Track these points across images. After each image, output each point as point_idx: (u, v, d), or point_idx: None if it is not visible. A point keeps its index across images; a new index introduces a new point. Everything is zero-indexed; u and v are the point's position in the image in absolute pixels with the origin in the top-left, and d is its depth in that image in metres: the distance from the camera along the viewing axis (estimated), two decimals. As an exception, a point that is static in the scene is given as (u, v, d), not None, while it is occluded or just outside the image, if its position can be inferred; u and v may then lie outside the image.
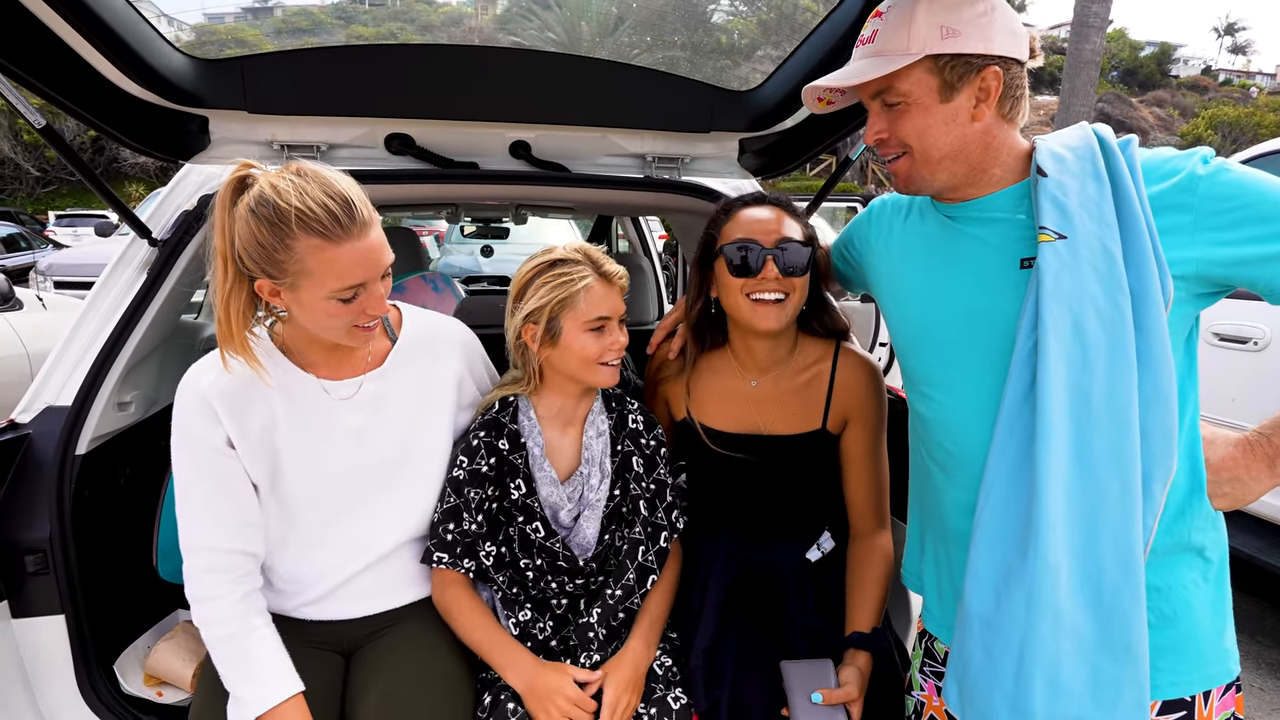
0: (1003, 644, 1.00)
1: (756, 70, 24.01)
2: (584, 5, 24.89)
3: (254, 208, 1.15)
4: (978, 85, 1.05)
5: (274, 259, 1.15)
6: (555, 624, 1.43)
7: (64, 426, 1.42)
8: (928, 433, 1.21)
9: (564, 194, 2.00)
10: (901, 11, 1.06)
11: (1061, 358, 0.97)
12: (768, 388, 1.52)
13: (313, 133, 1.74)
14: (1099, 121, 1.13)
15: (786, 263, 1.39)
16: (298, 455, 1.32)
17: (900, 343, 1.26)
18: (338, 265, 1.16)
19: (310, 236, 1.13)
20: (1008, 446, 1.02)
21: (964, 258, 1.13)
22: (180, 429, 1.28)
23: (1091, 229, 0.99)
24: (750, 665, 1.43)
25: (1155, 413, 0.95)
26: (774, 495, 1.55)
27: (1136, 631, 0.95)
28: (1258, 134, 21.59)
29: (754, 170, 2.05)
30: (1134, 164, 1.02)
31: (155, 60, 1.47)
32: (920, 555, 1.30)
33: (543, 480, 1.42)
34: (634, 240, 4.45)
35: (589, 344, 1.38)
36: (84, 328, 1.57)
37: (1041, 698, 0.97)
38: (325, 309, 1.20)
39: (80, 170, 1.44)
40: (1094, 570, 0.96)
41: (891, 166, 1.13)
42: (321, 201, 1.14)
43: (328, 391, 1.34)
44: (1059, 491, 0.96)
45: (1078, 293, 0.98)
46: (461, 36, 34.82)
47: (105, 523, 1.52)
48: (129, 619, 1.59)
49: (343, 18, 44.95)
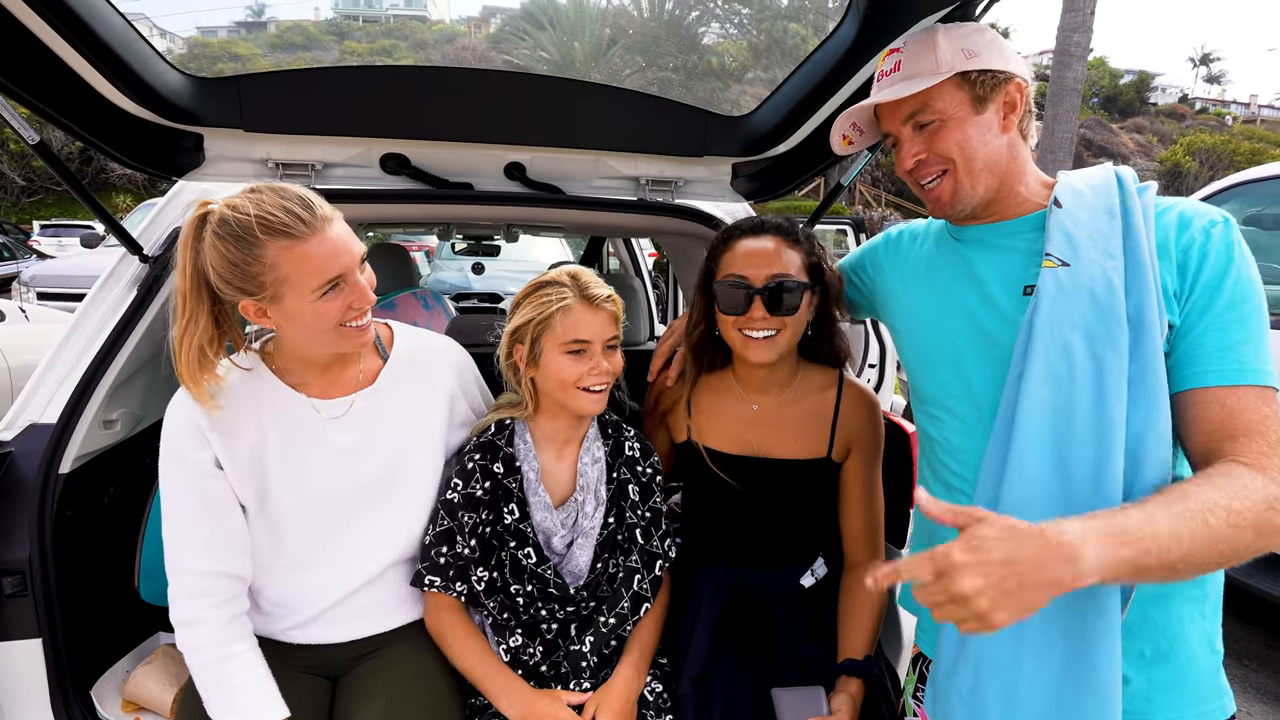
0: (965, 655, 1.02)
1: (747, 93, 24.31)
2: (578, 26, 25.17)
3: (218, 231, 1.16)
4: (1004, 98, 1.11)
5: (249, 273, 1.16)
6: (545, 649, 1.42)
7: (48, 444, 1.40)
8: (934, 452, 1.23)
9: (558, 215, 2.01)
10: (923, 41, 1.13)
11: (1047, 380, 0.99)
12: (770, 411, 1.53)
13: (308, 152, 1.74)
14: (1081, 146, 1.16)
15: (775, 302, 1.39)
16: (287, 475, 1.31)
17: (910, 364, 1.28)
18: (311, 261, 1.17)
19: (276, 239, 1.15)
20: (993, 466, 1.04)
21: (974, 283, 1.16)
22: (168, 449, 1.27)
23: (1096, 259, 1.01)
24: (741, 692, 1.42)
25: (1150, 442, 0.96)
26: (771, 519, 1.54)
27: (1107, 668, 0.93)
28: (1233, 161, 22.11)
29: (746, 194, 2.07)
30: (1148, 208, 1.05)
31: (152, 78, 1.47)
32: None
33: (537, 505, 1.41)
34: (625, 260, 4.47)
35: (565, 366, 1.37)
36: (71, 343, 1.55)
37: (997, 711, 0.98)
38: (312, 311, 1.20)
39: (73, 186, 1.43)
40: (1064, 596, 0.93)
41: (933, 191, 1.15)
42: (279, 205, 1.17)
43: (318, 410, 1.33)
44: (1033, 509, 0.96)
45: (1072, 317, 0.99)
46: (455, 54, 35.05)
47: (87, 543, 1.49)
48: (108, 642, 1.56)
49: (336, 34, 45.17)
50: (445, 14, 55.41)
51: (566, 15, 25.67)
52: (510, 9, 34.57)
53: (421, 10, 54.94)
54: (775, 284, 1.38)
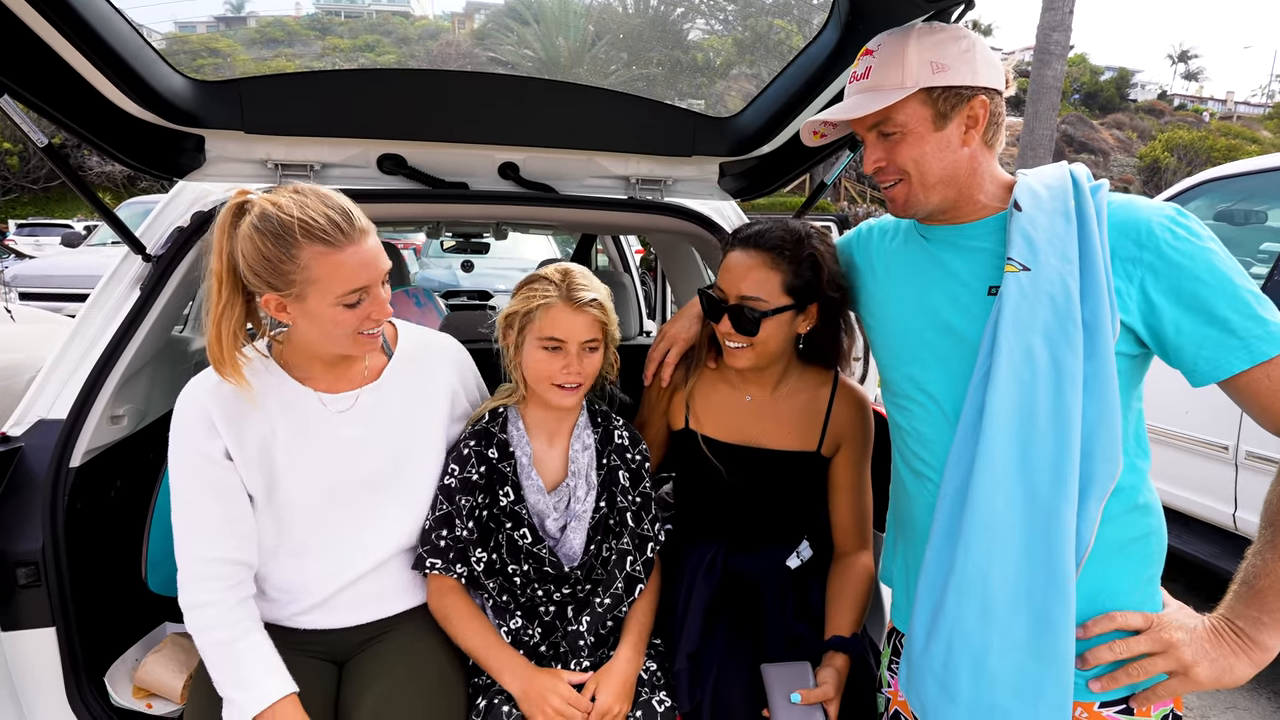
0: (939, 633, 1.10)
1: (732, 89, 24.35)
2: (562, 22, 25.10)
3: (257, 224, 1.20)
4: (966, 114, 1.13)
5: (280, 270, 1.20)
6: (544, 630, 1.48)
7: (58, 439, 1.44)
8: (903, 440, 1.30)
9: (550, 214, 2.06)
10: (893, 49, 1.14)
11: (1012, 379, 1.06)
12: (763, 403, 1.59)
13: (307, 152, 1.78)
14: (1062, 142, 1.22)
15: (737, 322, 1.43)
16: (294, 466, 1.36)
17: (881, 356, 1.35)
18: (343, 270, 1.22)
19: (314, 244, 1.20)
20: (962, 458, 1.11)
21: (941, 281, 1.22)
22: (178, 439, 1.31)
23: (1054, 264, 1.07)
24: (732, 668, 1.48)
25: (1101, 436, 1.04)
26: (761, 505, 1.61)
27: (1063, 637, 1.02)
28: (1210, 157, 22.44)
29: (733, 192, 2.13)
30: (1101, 208, 1.10)
31: (157, 82, 1.51)
32: (893, 553, 1.39)
33: (530, 488, 1.47)
34: (614, 257, 4.53)
35: (540, 361, 1.43)
36: (77, 342, 1.59)
37: (967, 684, 1.07)
38: (332, 316, 1.25)
39: (79, 189, 1.47)
40: (1028, 575, 1.04)
41: (889, 192, 1.21)
42: (322, 212, 1.21)
43: (325, 404, 1.38)
44: (999, 500, 1.05)
45: (1033, 321, 1.06)
46: (438, 50, 34.79)
47: (96, 535, 1.53)
48: (118, 631, 1.60)
49: (318, 29, 44.68)
50: (429, 9, 55.00)
51: (551, 11, 25.60)
52: (494, 4, 34.41)
53: (404, 6, 54.52)
54: (738, 306, 1.43)
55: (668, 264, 3.04)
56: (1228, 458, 3.11)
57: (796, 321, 1.47)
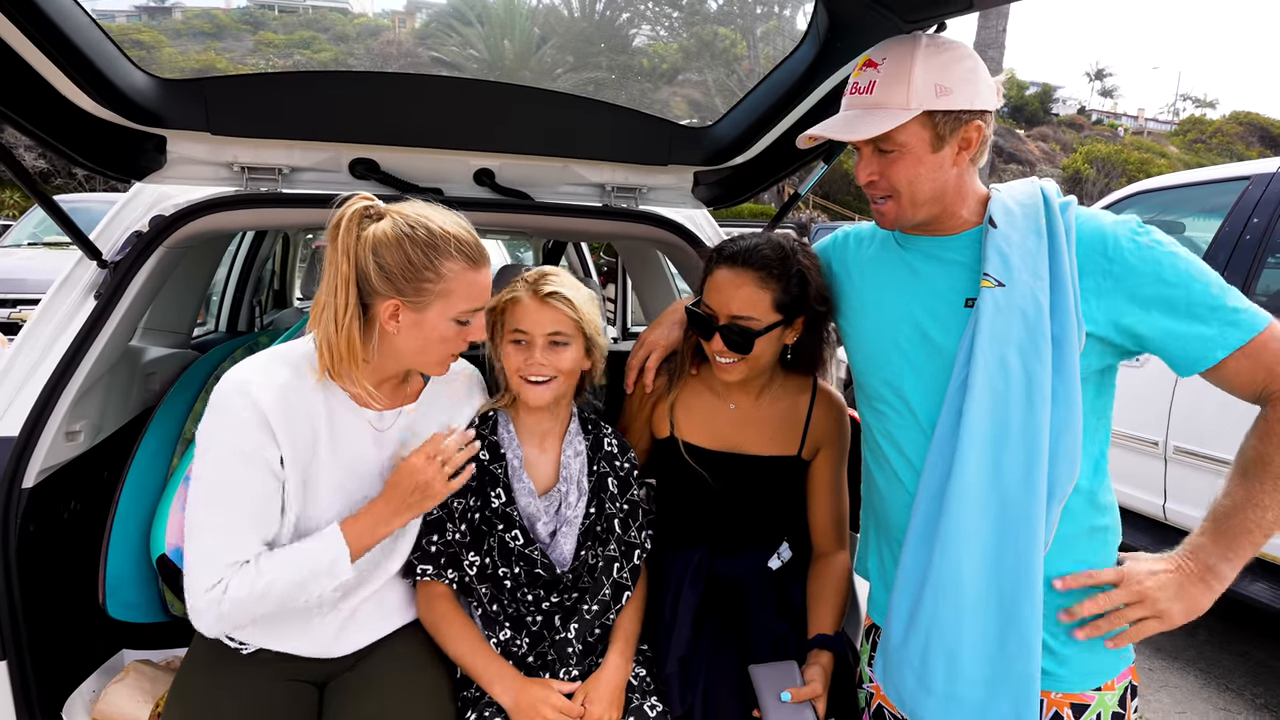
0: (916, 629, 1.16)
1: (678, 94, 24.57)
2: (508, 24, 24.85)
3: (408, 232, 1.23)
4: (962, 136, 1.16)
5: (420, 278, 1.24)
6: (532, 640, 1.46)
7: (10, 458, 1.35)
8: (875, 441, 1.35)
9: (526, 221, 2.04)
10: (899, 65, 1.14)
11: (987, 391, 1.12)
12: (746, 410, 1.62)
13: (275, 156, 1.71)
14: (993, 152, 1.29)
15: (730, 341, 1.44)
16: (329, 481, 1.32)
17: (858, 361, 1.39)
18: (474, 288, 1.29)
19: (459, 259, 1.27)
20: (938, 464, 1.17)
21: (918, 291, 1.26)
22: (234, 437, 1.23)
23: (1027, 280, 1.13)
24: (720, 671, 1.50)
25: (1064, 442, 1.11)
26: (743, 510, 1.64)
27: (1031, 633, 1.10)
28: (1125, 169, 23.92)
29: (706, 201, 2.15)
30: (1069, 225, 1.16)
31: (117, 78, 1.43)
32: (867, 548, 1.44)
33: (521, 491, 1.47)
34: (575, 264, 4.52)
35: (510, 354, 1.46)
36: (25, 352, 1.49)
37: (942, 676, 1.13)
38: (442, 330, 1.29)
39: (32, 192, 1.38)
40: (999, 575, 1.12)
41: (878, 207, 1.24)
42: (466, 232, 1.30)
43: (369, 422, 1.36)
44: (974, 505, 1.12)
45: (1008, 335, 1.12)
46: (379, 49, 33.97)
47: (49, 560, 1.44)
48: (73, 661, 1.51)
49: (250, 23, 42.97)
50: (368, 7, 53.58)
51: (495, 13, 25.30)
52: (436, 4, 33.78)
53: (342, 2, 52.99)
54: (730, 325, 1.44)
55: (634, 272, 3.05)
56: (1157, 453, 3.31)
57: (784, 334, 1.49)
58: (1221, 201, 3.43)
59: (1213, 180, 3.65)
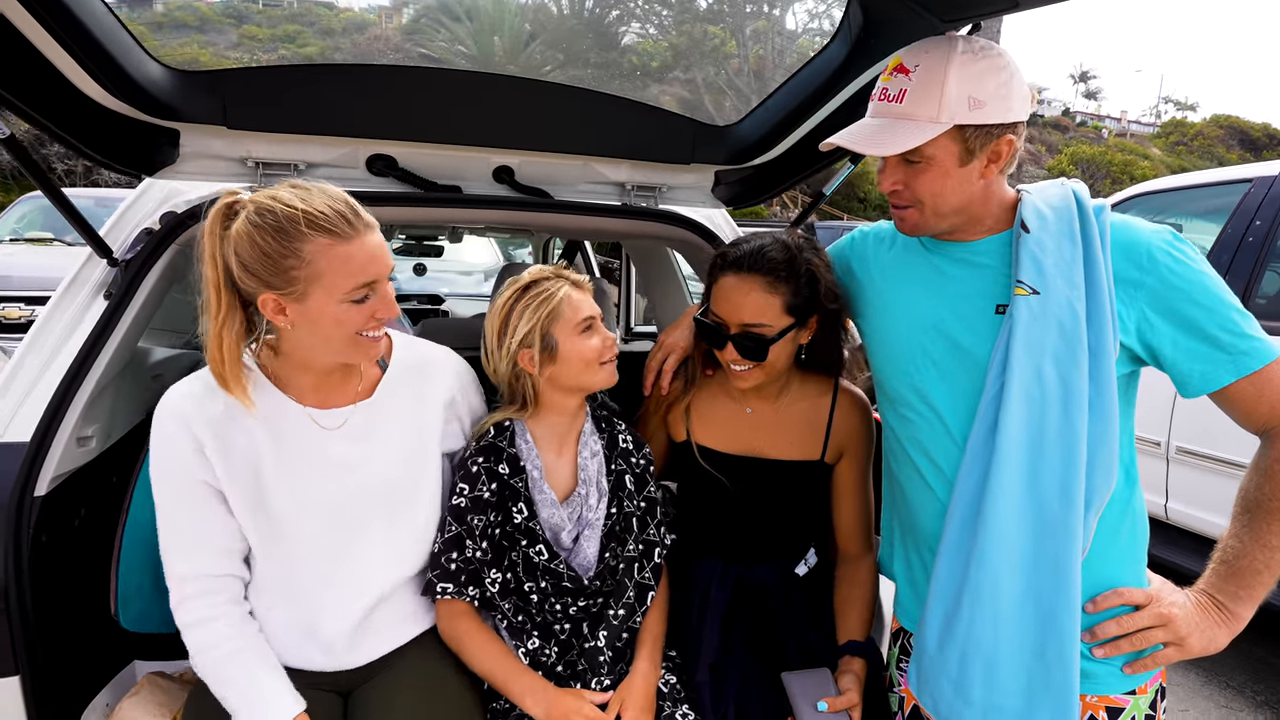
0: (953, 639, 1.14)
1: (666, 92, 24.55)
2: (497, 20, 24.72)
3: (255, 220, 1.13)
4: (992, 150, 1.13)
5: (281, 267, 1.13)
6: (560, 649, 1.43)
7: (21, 466, 1.29)
8: (903, 448, 1.32)
9: (546, 219, 2.01)
10: (932, 75, 1.10)
11: (1023, 400, 1.10)
12: (764, 414, 1.58)
13: (291, 151, 1.66)
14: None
15: (743, 350, 1.40)
16: (284, 487, 1.27)
17: (881, 365, 1.36)
18: (351, 263, 1.16)
19: (320, 236, 1.14)
20: (972, 473, 1.14)
21: (947, 296, 1.23)
22: (162, 457, 1.22)
23: (1062, 288, 1.11)
24: (753, 677, 1.47)
25: (1101, 453, 1.10)
26: (766, 514, 1.60)
27: (1069, 641, 1.08)
28: (1109, 171, 24.22)
29: (726, 200, 2.12)
30: (1104, 231, 1.14)
31: (133, 70, 1.38)
32: (893, 549, 1.42)
33: (542, 502, 1.42)
34: (580, 264, 4.47)
35: (586, 347, 1.40)
36: (33, 356, 1.43)
37: (980, 686, 1.11)
38: (335, 315, 1.18)
39: (44, 187, 1.32)
40: (1036, 584, 1.10)
41: (900, 213, 1.21)
42: (326, 203, 1.16)
43: (316, 421, 1.29)
44: (1011, 515, 1.10)
45: (1043, 344, 1.10)
46: (366, 44, 33.59)
47: (61, 570, 1.38)
48: (85, 676, 1.45)
49: (234, 17, 42.38)
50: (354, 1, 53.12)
51: (485, 9, 25.17)
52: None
53: (328, -5, 52.45)
54: (742, 334, 1.39)
55: (643, 271, 3.02)
56: (1159, 453, 3.33)
57: (798, 335, 1.46)
58: (1223, 204, 3.45)
59: (1215, 183, 3.67)
